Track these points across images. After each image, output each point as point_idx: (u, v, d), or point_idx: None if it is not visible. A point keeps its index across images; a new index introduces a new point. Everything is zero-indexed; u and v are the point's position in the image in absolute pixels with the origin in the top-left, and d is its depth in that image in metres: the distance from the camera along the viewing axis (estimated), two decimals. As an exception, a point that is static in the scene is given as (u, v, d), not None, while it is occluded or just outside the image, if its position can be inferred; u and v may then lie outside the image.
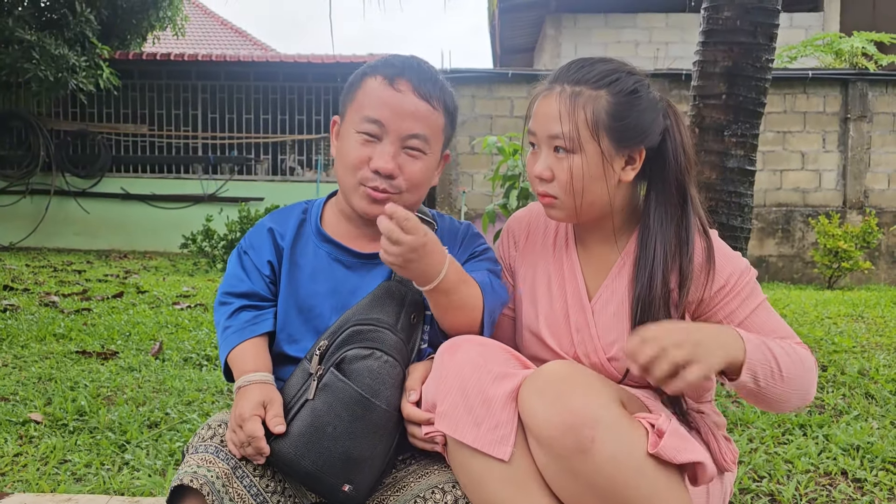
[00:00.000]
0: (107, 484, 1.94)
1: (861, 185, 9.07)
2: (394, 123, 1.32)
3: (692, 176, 1.38)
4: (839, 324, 4.20)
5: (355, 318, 1.31)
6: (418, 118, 1.33)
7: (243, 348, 1.33)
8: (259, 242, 1.42)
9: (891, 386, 2.80)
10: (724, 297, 1.35)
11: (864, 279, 8.75)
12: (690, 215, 1.35)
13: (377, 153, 1.32)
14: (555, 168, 1.32)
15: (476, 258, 1.46)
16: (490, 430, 1.17)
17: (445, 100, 1.38)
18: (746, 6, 2.89)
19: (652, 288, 1.32)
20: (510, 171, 4.66)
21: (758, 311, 1.35)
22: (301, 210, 1.47)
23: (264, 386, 1.28)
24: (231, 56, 10.81)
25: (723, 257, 1.36)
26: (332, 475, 1.22)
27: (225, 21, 18.78)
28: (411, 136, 1.32)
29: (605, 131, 1.30)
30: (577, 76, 1.33)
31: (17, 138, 10.41)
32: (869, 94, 9.03)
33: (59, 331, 3.66)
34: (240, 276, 1.40)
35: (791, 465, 2.09)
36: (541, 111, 1.34)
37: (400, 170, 1.32)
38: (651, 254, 1.33)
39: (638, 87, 1.33)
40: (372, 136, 1.33)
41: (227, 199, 10.21)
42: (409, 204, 1.36)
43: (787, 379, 1.23)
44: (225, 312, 1.38)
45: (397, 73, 1.34)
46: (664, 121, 1.36)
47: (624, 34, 11.85)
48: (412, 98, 1.33)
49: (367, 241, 1.41)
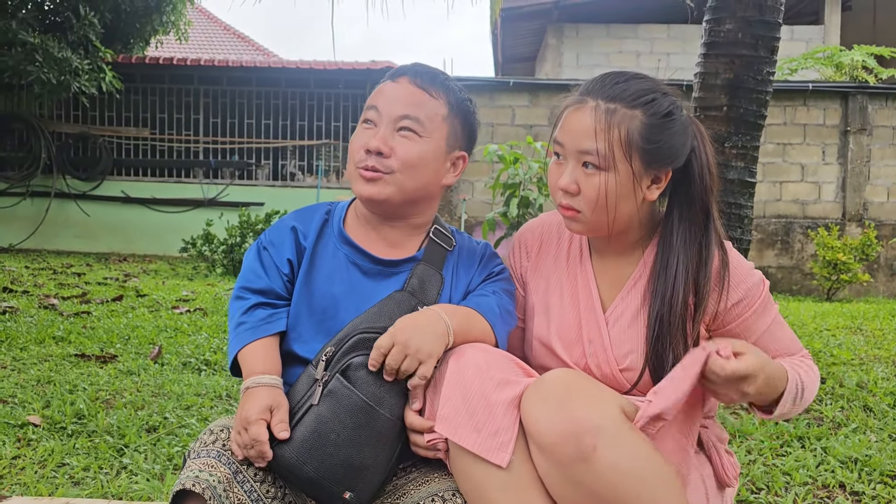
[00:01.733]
0: (105, 488, 1.94)
1: (860, 197, 9.09)
2: (387, 107, 1.37)
3: (716, 195, 1.39)
4: (838, 336, 4.20)
5: (363, 325, 1.31)
6: (411, 102, 1.37)
7: (255, 347, 1.33)
8: (280, 240, 1.42)
9: (889, 399, 2.80)
10: (741, 312, 1.36)
11: (863, 291, 8.76)
12: (712, 234, 1.36)
13: (371, 135, 1.37)
14: (582, 183, 1.31)
15: (493, 279, 1.47)
16: (490, 435, 1.17)
17: (448, 94, 1.41)
18: (748, 19, 2.90)
19: (673, 305, 1.32)
20: (511, 180, 4.68)
21: (773, 326, 1.38)
22: (325, 210, 1.48)
23: (272, 390, 1.28)
24: (234, 61, 10.85)
25: (740, 270, 1.37)
26: (334, 482, 1.23)
27: (228, 26, 18.83)
28: (403, 116, 1.36)
29: (637, 152, 1.30)
30: (612, 92, 1.31)
31: (19, 140, 10.43)
32: (869, 107, 9.06)
33: (59, 334, 3.65)
34: (258, 273, 1.40)
35: (789, 478, 2.09)
36: (572, 124, 1.32)
37: (392, 150, 1.35)
38: (673, 271, 1.33)
39: (672, 109, 1.33)
40: (369, 121, 1.38)
41: (228, 203, 10.22)
42: (407, 189, 1.37)
43: (804, 402, 1.30)
44: (240, 307, 1.38)
45: (399, 72, 1.42)
46: (692, 141, 1.36)
47: (625, 44, 11.89)
48: (407, 86, 1.39)
49: (385, 247, 1.42)
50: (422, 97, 1.38)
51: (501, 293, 1.44)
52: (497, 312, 1.38)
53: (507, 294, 1.45)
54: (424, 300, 1.37)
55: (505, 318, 1.40)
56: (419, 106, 1.37)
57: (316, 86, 10.57)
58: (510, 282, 1.50)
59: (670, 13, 11.17)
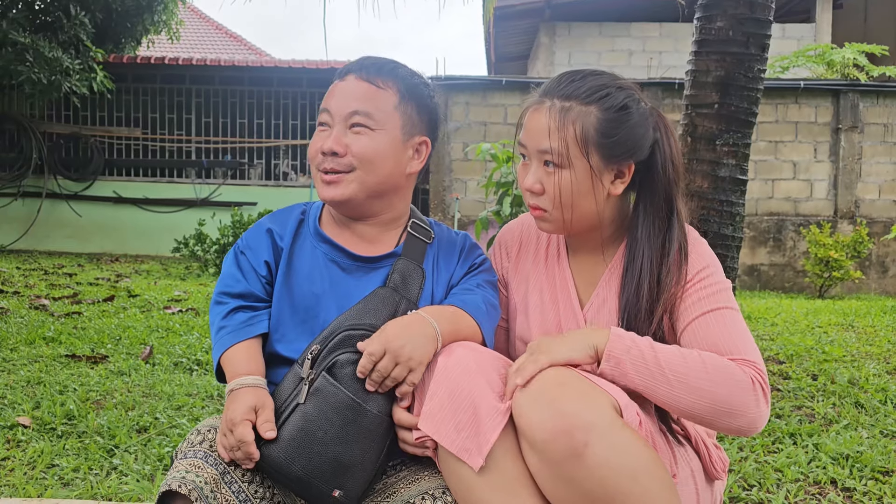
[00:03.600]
0: (95, 489, 1.93)
1: (852, 194, 9.13)
2: (337, 106, 1.36)
3: (680, 188, 1.38)
4: (830, 333, 4.22)
5: (347, 322, 1.31)
6: (359, 97, 1.36)
7: (237, 350, 1.33)
8: (256, 243, 1.42)
9: (880, 395, 2.81)
10: (686, 290, 1.34)
11: (855, 289, 8.80)
12: (675, 227, 1.36)
13: (325, 138, 1.36)
14: (545, 182, 1.33)
15: (475, 271, 1.47)
16: (470, 436, 1.17)
17: (397, 81, 1.39)
18: (739, 17, 2.91)
19: (639, 298, 1.33)
20: (504, 178, 4.67)
21: (712, 315, 1.30)
22: (300, 211, 1.48)
23: (256, 390, 1.27)
24: (225, 60, 10.82)
25: (698, 255, 1.37)
26: (322, 480, 1.22)
27: (220, 26, 18.78)
28: (353, 112, 1.35)
29: (594, 147, 1.31)
30: (567, 90, 1.33)
31: (10, 141, 10.37)
32: (860, 104, 9.10)
33: (49, 334, 3.64)
34: (236, 277, 1.40)
35: (781, 474, 2.09)
36: (531, 125, 1.35)
37: (347, 148, 1.35)
38: (638, 265, 1.34)
39: (628, 101, 1.33)
40: (324, 124, 1.38)
41: (220, 203, 10.19)
42: (370, 184, 1.36)
43: (675, 380, 1.19)
44: (220, 312, 1.37)
45: (346, 70, 1.41)
46: (654, 133, 1.36)
47: (618, 43, 11.90)
48: (354, 82, 1.38)
49: (362, 243, 1.42)
50: (369, 90, 1.37)
51: (486, 286, 1.44)
52: (483, 309, 1.38)
53: (491, 286, 1.45)
54: (407, 295, 1.37)
55: (490, 313, 1.40)
56: (368, 100, 1.36)
57: (308, 85, 10.55)
58: (492, 272, 1.49)
59: (662, 12, 11.20)
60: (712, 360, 1.22)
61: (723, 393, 1.20)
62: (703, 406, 1.20)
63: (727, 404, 1.20)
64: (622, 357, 1.21)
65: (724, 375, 1.20)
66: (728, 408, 1.20)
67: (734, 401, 1.20)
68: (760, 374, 1.23)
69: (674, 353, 1.23)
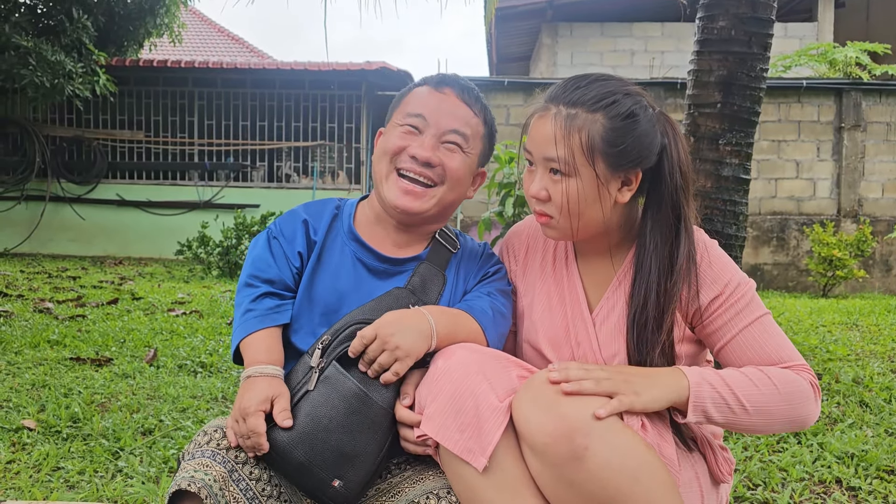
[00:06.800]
0: (100, 491, 1.93)
1: (855, 193, 9.11)
2: (435, 118, 1.39)
3: (689, 194, 1.36)
4: (834, 332, 4.21)
5: (360, 316, 1.33)
6: (458, 117, 1.40)
7: (259, 336, 1.33)
8: (291, 232, 1.43)
9: (885, 394, 2.80)
10: (716, 308, 1.33)
11: (859, 287, 8.78)
12: (682, 236, 1.34)
13: (416, 143, 1.38)
14: (550, 189, 1.32)
15: (488, 279, 1.48)
16: (472, 437, 1.17)
17: (486, 114, 1.46)
18: (741, 16, 2.90)
19: (647, 307, 1.32)
20: (506, 179, 4.68)
21: (753, 327, 1.32)
22: (334, 206, 1.49)
23: (274, 380, 1.28)
24: (228, 63, 10.82)
25: (718, 267, 1.35)
26: (324, 468, 1.23)
27: (222, 28, 18.79)
28: (451, 130, 1.39)
29: (600, 156, 1.28)
30: (573, 97, 1.31)
31: (13, 144, 10.41)
32: (863, 103, 9.08)
33: (54, 337, 3.64)
34: (268, 262, 1.41)
35: (786, 474, 2.09)
36: (536, 132, 1.33)
37: (441, 162, 1.38)
38: (646, 274, 1.33)
39: (635, 108, 1.30)
40: (414, 127, 1.39)
41: (223, 205, 10.21)
42: (446, 202, 1.41)
43: (755, 411, 1.23)
44: (249, 295, 1.38)
45: (442, 81, 1.44)
46: (662, 139, 1.34)
47: (620, 43, 11.90)
48: (454, 100, 1.41)
49: (393, 246, 1.44)
50: (467, 113, 1.42)
51: (497, 294, 1.44)
52: (489, 314, 1.39)
53: (503, 294, 1.46)
54: (424, 298, 1.38)
55: (497, 320, 1.40)
56: (465, 122, 1.41)
57: (310, 87, 10.55)
58: (506, 281, 1.50)
59: (664, 11, 11.20)
60: (779, 377, 1.27)
61: (798, 411, 1.26)
62: (778, 426, 1.27)
63: (800, 418, 1.27)
64: (707, 405, 1.23)
65: (794, 390, 1.26)
66: (800, 421, 1.28)
67: (804, 412, 1.27)
68: (812, 375, 1.30)
69: (745, 382, 1.25)
